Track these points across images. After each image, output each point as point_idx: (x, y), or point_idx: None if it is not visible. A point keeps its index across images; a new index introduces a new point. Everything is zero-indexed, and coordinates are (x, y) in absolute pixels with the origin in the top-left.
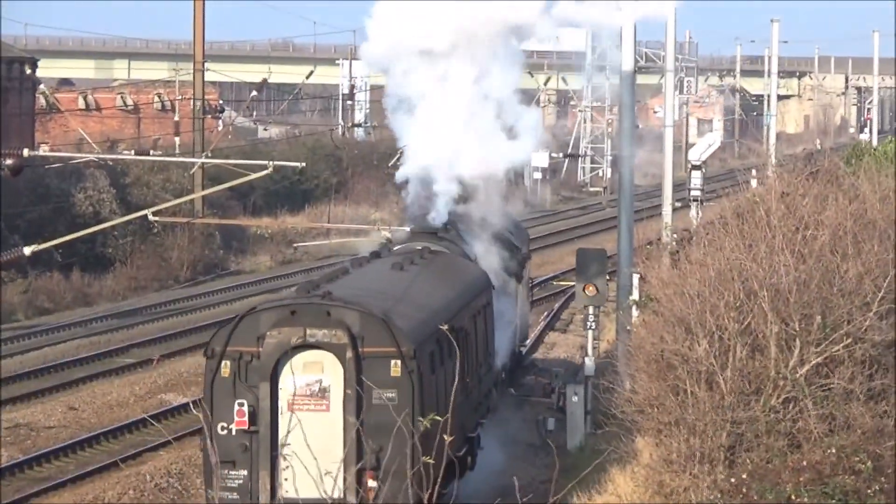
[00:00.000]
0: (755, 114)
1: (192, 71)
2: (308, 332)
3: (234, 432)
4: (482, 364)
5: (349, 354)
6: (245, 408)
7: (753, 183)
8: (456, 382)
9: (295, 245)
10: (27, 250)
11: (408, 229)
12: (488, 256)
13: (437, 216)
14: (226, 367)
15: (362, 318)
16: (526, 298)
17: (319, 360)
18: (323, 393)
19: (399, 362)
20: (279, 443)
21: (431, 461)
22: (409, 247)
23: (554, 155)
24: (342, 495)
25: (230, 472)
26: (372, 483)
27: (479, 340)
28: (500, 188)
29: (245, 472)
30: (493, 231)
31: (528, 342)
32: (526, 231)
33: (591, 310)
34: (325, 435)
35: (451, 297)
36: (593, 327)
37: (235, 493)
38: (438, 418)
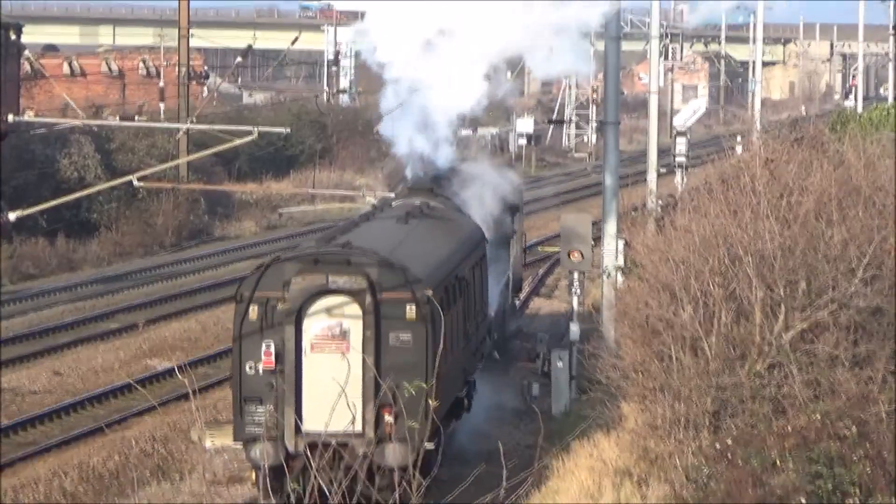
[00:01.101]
0: (740, 80)
1: (177, 37)
2: (330, 278)
3: (260, 371)
4: (479, 313)
5: (368, 299)
6: (271, 348)
7: (738, 149)
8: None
9: (280, 211)
10: (12, 216)
11: (392, 195)
12: (482, 211)
13: (433, 173)
14: (253, 311)
15: (380, 265)
16: (520, 251)
17: (340, 305)
18: (343, 335)
19: (414, 306)
20: (302, 381)
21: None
22: (408, 202)
23: (539, 121)
24: (361, 429)
25: (257, 409)
26: (388, 418)
27: (477, 290)
28: (489, 146)
29: (271, 409)
30: (486, 186)
31: (523, 296)
32: (520, 186)
33: (575, 276)
34: (345, 374)
35: (453, 249)
36: (578, 293)
37: (261, 428)
38: (424, 385)
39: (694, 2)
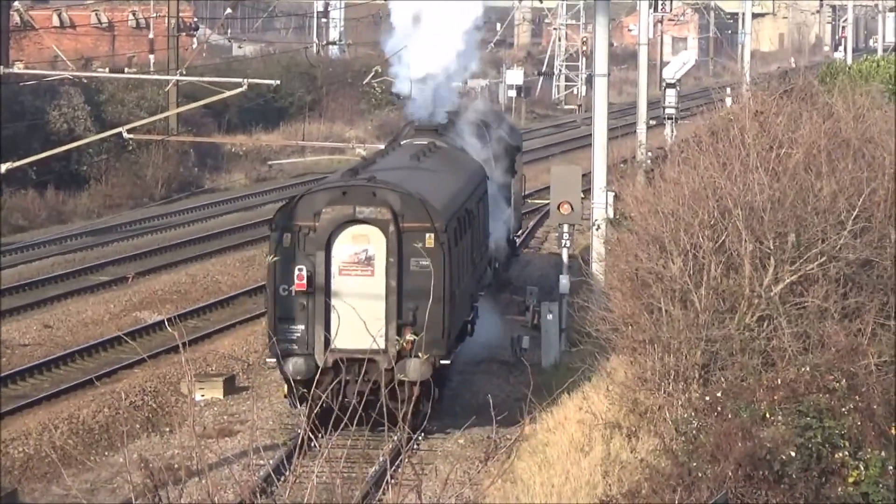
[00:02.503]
0: (730, 32)
1: None
2: (357, 209)
3: (293, 293)
4: (482, 244)
5: (391, 228)
6: (304, 272)
7: (728, 101)
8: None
9: (269, 163)
10: (1, 168)
11: (381, 146)
12: (483, 151)
13: (438, 115)
14: (287, 239)
15: (402, 197)
16: (519, 190)
17: (366, 233)
18: (369, 261)
19: (433, 235)
20: (331, 302)
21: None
22: (415, 142)
23: (528, 73)
24: (384, 346)
25: (290, 327)
26: (409, 336)
27: (481, 223)
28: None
29: (302, 327)
30: (487, 128)
31: (521, 234)
32: (518, 129)
33: (565, 228)
34: (370, 296)
35: (460, 185)
36: (568, 245)
37: (294, 345)
38: (414, 336)
39: None
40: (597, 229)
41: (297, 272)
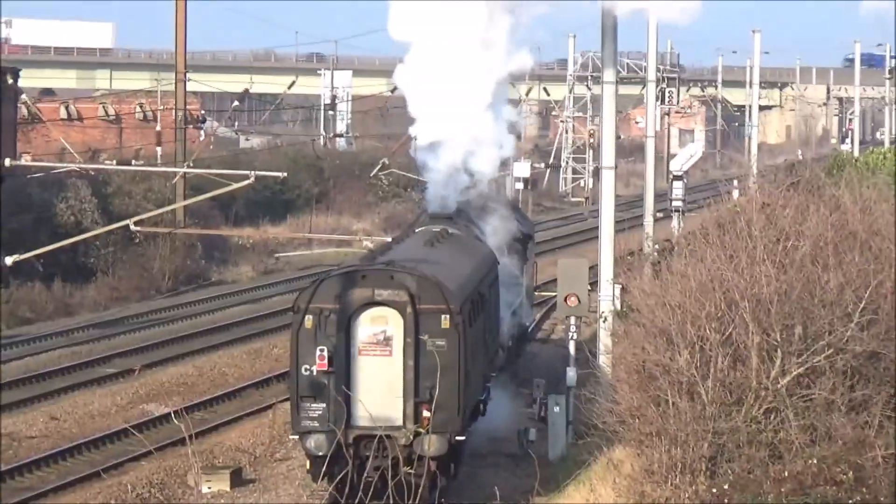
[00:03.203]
0: (737, 124)
1: (173, 81)
2: (376, 292)
3: (314, 372)
4: (494, 326)
5: (409, 310)
6: (325, 353)
7: (735, 193)
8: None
9: (276, 255)
10: (8, 260)
11: (388, 239)
12: (495, 239)
13: (451, 203)
14: (309, 321)
15: (419, 281)
16: (531, 276)
17: (384, 315)
18: (387, 341)
19: (448, 316)
20: (351, 381)
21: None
22: (430, 229)
23: (536, 165)
24: (402, 423)
25: (311, 405)
26: (426, 413)
27: (492, 307)
28: (504, 181)
29: (324, 405)
30: (499, 216)
31: (534, 320)
32: (529, 219)
33: (572, 320)
34: (388, 375)
35: (473, 269)
36: (575, 338)
37: (316, 422)
38: (421, 430)
39: None
40: (603, 321)
41: (318, 352)
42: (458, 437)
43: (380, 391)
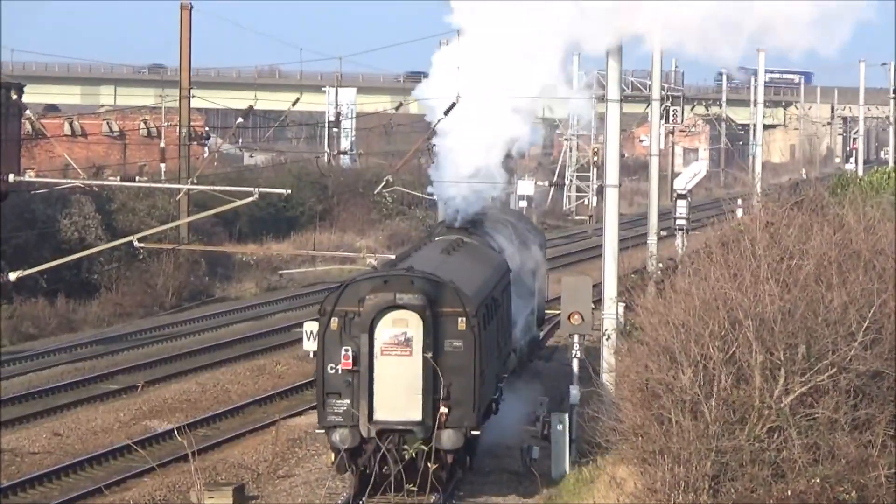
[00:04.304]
0: (741, 143)
1: (178, 97)
2: (397, 296)
3: (339, 371)
4: (506, 330)
5: (428, 313)
6: (349, 353)
7: (739, 212)
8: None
9: (280, 272)
10: (12, 276)
11: (392, 256)
12: (509, 248)
13: (467, 215)
14: (334, 323)
15: (437, 286)
16: (543, 286)
17: (405, 318)
18: (407, 342)
19: (464, 319)
20: (374, 379)
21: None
22: (447, 238)
23: (540, 183)
24: (421, 418)
25: (336, 402)
26: (444, 409)
27: (505, 312)
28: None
29: (348, 402)
30: (511, 227)
31: (545, 329)
32: (542, 231)
33: (576, 338)
34: (408, 374)
35: (487, 275)
36: (578, 356)
37: (340, 417)
38: (424, 447)
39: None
40: (607, 340)
41: (343, 352)
42: (473, 432)
43: (400, 389)
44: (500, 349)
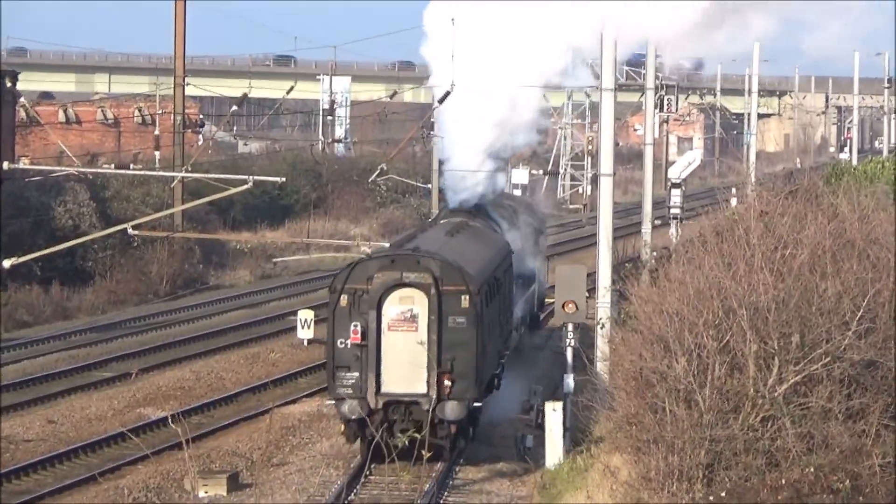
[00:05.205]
0: (735, 132)
1: (172, 85)
2: (404, 274)
3: (349, 346)
4: (507, 308)
5: (432, 291)
6: (358, 328)
7: (733, 201)
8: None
9: (274, 260)
10: (6, 263)
11: (386, 245)
12: (510, 231)
13: (470, 199)
14: (344, 300)
15: (442, 265)
16: (543, 267)
17: (411, 295)
18: (413, 318)
19: (468, 297)
20: (381, 353)
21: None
22: (451, 221)
23: (534, 172)
24: (426, 390)
25: (346, 374)
26: (447, 382)
27: (506, 291)
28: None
29: (357, 374)
30: (513, 211)
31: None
32: (543, 214)
33: (570, 327)
34: (414, 348)
35: (490, 256)
36: (572, 344)
37: (349, 389)
38: (416, 435)
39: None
40: (601, 328)
41: (352, 328)
42: (475, 404)
43: (406, 362)
44: (501, 326)
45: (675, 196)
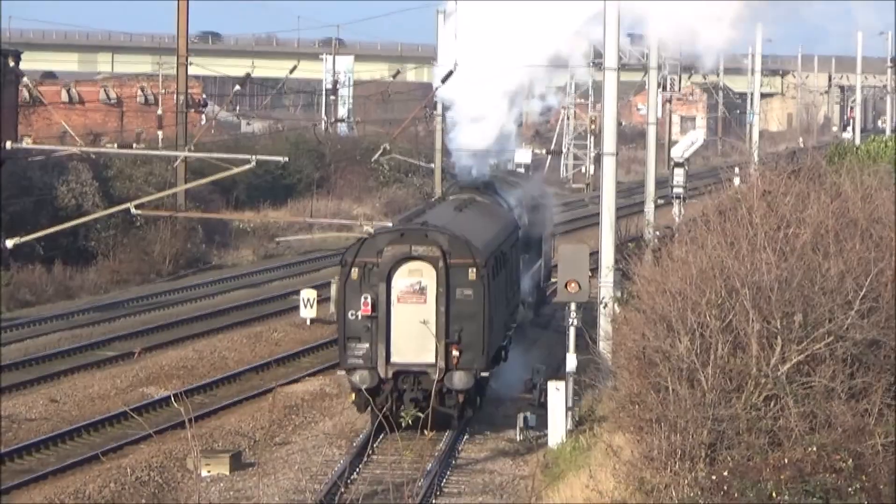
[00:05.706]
0: (738, 112)
1: (175, 65)
2: (413, 248)
3: (359, 317)
4: (514, 282)
5: (441, 264)
6: (369, 300)
7: (736, 181)
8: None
9: (277, 239)
10: (9, 243)
11: (389, 224)
12: (517, 208)
13: (480, 175)
14: (355, 273)
15: (450, 239)
16: (549, 244)
17: (420, 268)
18: (422, 290)
19: (475, 270)
20: (391, 324)
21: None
22: (460, 197)
23: (537, 151)
24: (434, 360)
25: (356, 345)
26: (455, 352)
27: (513, 265)
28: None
29: (367, 345)
30: (520, 188)
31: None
32: (550, 193)
33: (572, 306)
34: (423, 319)
35: (497, 230)
36: (575, 324)
37: (360, 360)
38: (420, 414)
39: None
40: (604, 308)
41: (363, 300)
42: (482, 374)
43: (415, 333)
44: (508, 300)
45: (678, 175)
